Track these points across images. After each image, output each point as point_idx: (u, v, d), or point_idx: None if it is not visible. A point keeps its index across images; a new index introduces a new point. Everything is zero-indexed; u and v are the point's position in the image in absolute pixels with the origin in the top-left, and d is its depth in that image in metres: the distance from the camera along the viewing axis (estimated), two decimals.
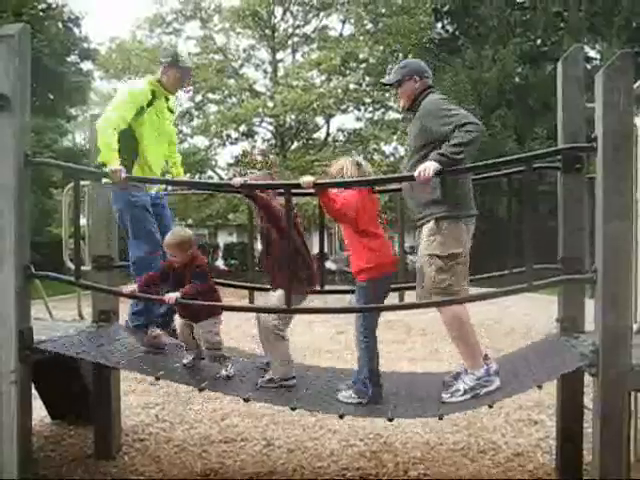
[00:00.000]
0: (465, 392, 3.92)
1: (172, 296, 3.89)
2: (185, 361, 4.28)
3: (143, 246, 4.42)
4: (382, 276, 4.06)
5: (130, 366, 4.28)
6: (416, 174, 3.67)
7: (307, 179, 3.85)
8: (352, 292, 4.24)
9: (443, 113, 3.85)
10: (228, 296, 4.35)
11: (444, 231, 3.89)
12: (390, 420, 3.97)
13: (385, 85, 4.53)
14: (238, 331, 9.03)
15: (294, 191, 3.96)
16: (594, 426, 3.57)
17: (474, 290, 4.18)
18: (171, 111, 4.74)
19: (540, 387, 3.76)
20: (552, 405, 5.15)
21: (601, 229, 3.48)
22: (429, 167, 3.63)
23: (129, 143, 4.37)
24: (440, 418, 3.93)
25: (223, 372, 4.17)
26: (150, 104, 4.44)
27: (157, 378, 4.22)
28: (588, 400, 4.06)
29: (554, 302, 4.40)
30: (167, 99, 4.64)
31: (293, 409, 4.04)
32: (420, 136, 3.98)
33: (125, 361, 4.23)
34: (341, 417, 4.03)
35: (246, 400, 4.03)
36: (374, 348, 4.07)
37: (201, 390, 4.14)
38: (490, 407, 4.01)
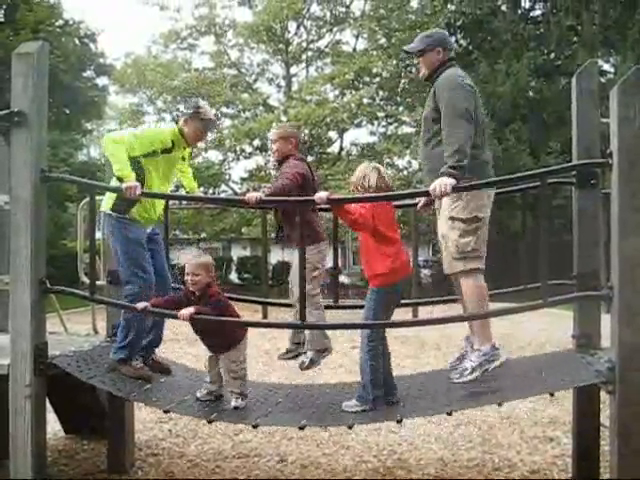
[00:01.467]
0: (474, 370, 3.95)
1: (186, 312, 3.87)
2: (199, 394, 4.19)
3: (137, 280, 4.24)
4: (397, 282, 4.06)
5: (140, 397, 4.22)
6: (431, 191, 3.69)
7: (321, 194, 3.88)
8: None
9: (448, 94, 3.89)
10: (239, 310, 4.33)
11: (467, 196, 3.88)
12: (399, 422, 3.96)
13: (407, 53, 4.46)
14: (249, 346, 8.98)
15: None
16: (611, 444, 3.53)
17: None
18: (183, 159, 4.72)
19: (552, 394, 3.71)
20: (567, 422, 5.10)
21: (617, 245, 3.46)
22: (445, 184, 3.63)
23: (139, 177, 4.25)
24: (449, 414, 3.90)
25: (233, 403, 4.07)
26: (165, 152, 4.39)
27: (166, 411, 4.16)
28: (604, 417, 4.02)
29: (571, 317, 4.37)
30: (184, 148, 4.63)
31: (301, 428, 3.99)
32: (434, 112, 4.02)
33: (136, 392, 4.17)
34: (350, 428, 4.04)
35: (255, 426, 4.02)
36: (378, 354, 4.03)
37: (210, 422, 4.12)
38: (499, 405, 3.97)
